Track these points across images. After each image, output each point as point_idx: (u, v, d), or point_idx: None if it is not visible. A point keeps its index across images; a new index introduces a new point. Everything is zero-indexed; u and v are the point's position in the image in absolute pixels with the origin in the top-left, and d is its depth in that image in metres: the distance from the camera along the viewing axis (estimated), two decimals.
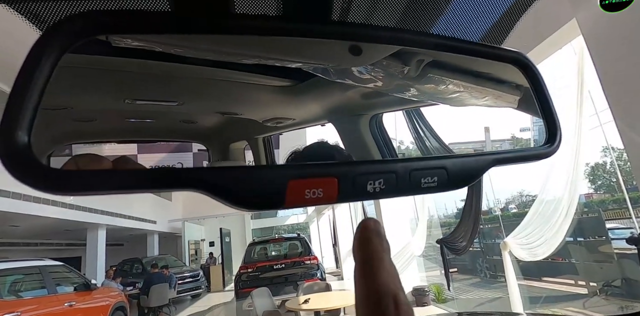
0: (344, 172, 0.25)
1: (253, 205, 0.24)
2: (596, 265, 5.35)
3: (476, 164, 0.29)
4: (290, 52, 0.33)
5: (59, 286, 5.38)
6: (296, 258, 7.83)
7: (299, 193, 0.24)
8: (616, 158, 6.95)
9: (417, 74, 0.39)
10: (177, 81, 0.86)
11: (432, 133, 3.02)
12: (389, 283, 0.21)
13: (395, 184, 0.26)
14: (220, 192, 0.23)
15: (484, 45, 0.32)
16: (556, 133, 0.33)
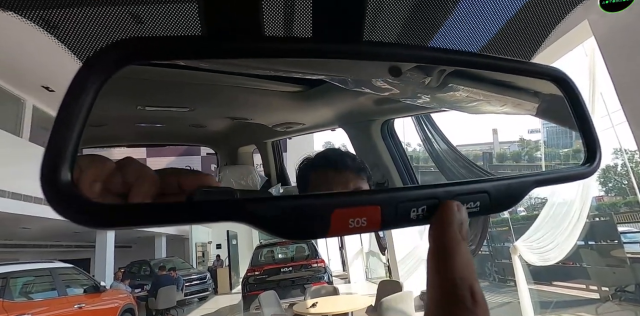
0: (387, 200, 0.25)
1: (298, 236, 0.23)
2: (608, 270, 5.25)
3: (517, 187, 0.28)
4: (320, 70, 0.33)
5: (68, 288, 5.43)
6: (303, 261, 7.81)
7: (344, 222, 0.24)
8: (628, 160, 6.84)
9: (438, 84, 0.38)
10: (189, 88, 0.87)
11: (440, 135, 3.00)
12: (465, 272, 0.20)
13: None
14: (266, 225, 0.23)
15: (520, 62, 0.32)
16: (596, 152, 0.32)
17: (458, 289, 0.20)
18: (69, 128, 0.21)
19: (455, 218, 0.23)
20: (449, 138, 3.05)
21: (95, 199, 0.22)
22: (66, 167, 0.21)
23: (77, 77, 0.22)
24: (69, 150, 0.21)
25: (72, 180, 0.21)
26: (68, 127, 0.21)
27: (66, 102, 0.22)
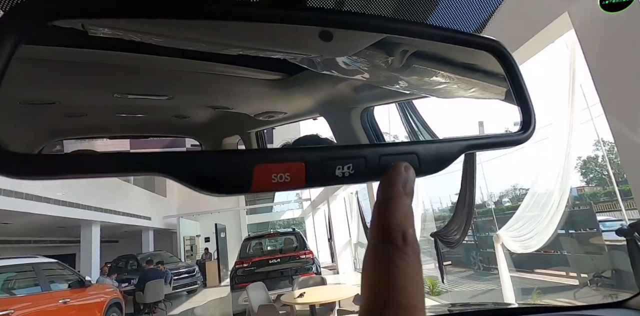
0: (312, 157, 0.25)
1: (219, 190, 0.23)
2: (587, 257, 5.44)
3: (448, 150, 0.29)
4: (264, 39, 0.33)
5: (52, 283, 5.35)
6: (291, 252, 7.86)
7: (266, 177, 0.24)
8: (607, 152, 7.04)
9: (402, 65, 0.39)
10: (165, 75, 0.85)
11: (425, 127, 3.03)
12: (402, 220, 0.22)
13: (364, 169, 0.26)
14: (185, 177, 0.23)
15: (459, 32, 0.32)
16: (530, 120, 0.33)
17: (392, 231, 0.21)
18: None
19: (401, 176, 0.25)
20: (434, 130, 3.08)
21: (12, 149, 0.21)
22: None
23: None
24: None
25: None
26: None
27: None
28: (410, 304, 0.19)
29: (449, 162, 0.28)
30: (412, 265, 0.20)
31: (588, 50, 2.26)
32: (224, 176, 0.23)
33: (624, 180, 4.77)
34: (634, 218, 3.72)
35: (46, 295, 5.00)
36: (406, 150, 0.27)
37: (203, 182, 0.23)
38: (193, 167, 0.23)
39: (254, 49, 0.36)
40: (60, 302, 5.08)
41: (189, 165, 0.23)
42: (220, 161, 0.24)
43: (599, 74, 2.20)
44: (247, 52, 0.37)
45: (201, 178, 0.23)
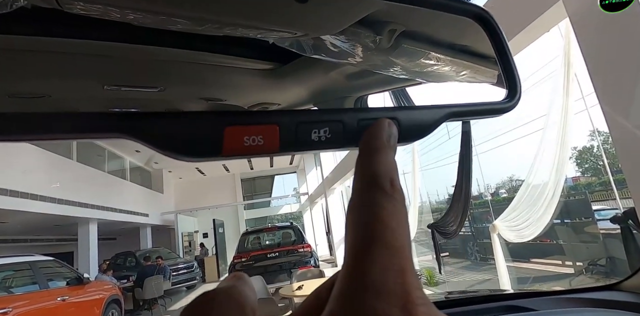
0: (286, 119, 0.24)
1: (187, 153, 0.22)
2: (582, 245, 5.51)
3: (429, 116, 0.28)
4: (241, 12, 0.32)
5: (50, 281, 5.35)
6: (289, 246, 7.89)
7: (238, 140, 0.23)
8: (602, 142, 7.09)
9: (390, 45, 0.38)
10: (155, 65, 0.84)
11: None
12: (388, 168, 0.22)
13: (341, 133, 0.25)
14: (150, 139, 0.21)
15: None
16: (516, 88, 0.32)
17: (380, 178, 0.21)
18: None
19: (384, 130, 0.24)
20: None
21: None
22: None
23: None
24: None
25: None
26: None
27: None
28: (398, 244, 0.19)
29: (431, 130, 0.28)
30: (399, 209, 0.20)
31: (582, 39, 2.25)
32: (193, 138, 0.22)
33: (619, 170, 4.81)
34: (628, 207, 3.76)
35: (44, 293, 5.00)
36: (386, 115, 0.25)
37: (170, 144, 0.22)
38: (158, 128, 0.22)
39: (230, 24, 0.34)
40: (58, 300, 5.08)
41: (155, 126, 0.22)
42: (189, 122, 0.23)
43: (594, 63, 2.20)
44: (225, 29, 0.36)
45: (169, 140, 0.22)
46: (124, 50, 0.76)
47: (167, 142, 0.22)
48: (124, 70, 0.92)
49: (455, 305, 0.92)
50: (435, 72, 0.45)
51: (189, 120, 0.23)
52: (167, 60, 0.87)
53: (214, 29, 0.33)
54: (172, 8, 0.29)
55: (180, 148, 0.22)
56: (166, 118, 0.23)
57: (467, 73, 0.44)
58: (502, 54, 0.33)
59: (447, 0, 0.31)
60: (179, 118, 0.24)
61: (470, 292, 1.24)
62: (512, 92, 0.31)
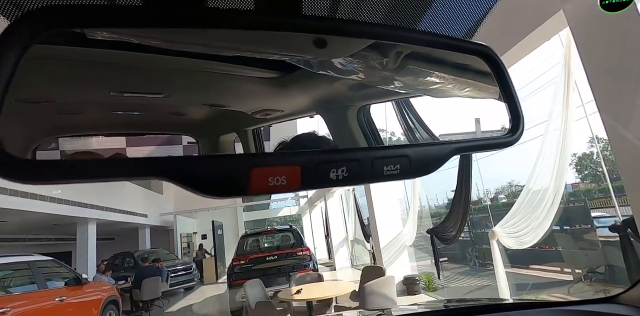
0: (307, 161, 0.26)
1: (218, 192, 0.24)
2: (581, 253, 5.49)
3: (438, 152, 0.29)
4: (262, 44, 0.33)
5: (49, 281, 5.34)
6: (288, 249, 7.87)
7: (263, 180, 0.24)
8: (601, 149, 7.09)
9: (396, 66, 0.39)
10: (162, 73, 0.85)
11: (421, 124, 3.04)
12: None
13: (358, 172, 0.26)
14: (185, 180, 0.23)
15: (449, 38, 0.33)
16: (519, 123, 0.33)
17: None
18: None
19: None
20: (430, 127, 3.09)
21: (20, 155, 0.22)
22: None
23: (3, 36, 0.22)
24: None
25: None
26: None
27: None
28: None
29: (439, 165, 0.29)
30: None
31: (583, 48, 2.27)
32: (223, 179, 0.24)
33: (618, 177, 4.81)
34: (627, 215, 3.77)
35: (42, 293, 4.99)
36: (398, 153, 0.27)
37: (203, 185, 0.24)
38: (193, 171, 0.24)
39: (250, 51, 0.36)
40: (56, 300, 5.07)
41: (190, 169, 0.24)
42: (219, 165, 0.25)
43: (594, 71, 2.22)
44: (244, 54, 0.38)
45: (201, 181, 0.24)
46: (131, 57, 0.77)
47: (200, 183, 0.24)
48: (131, 77, 0.93)
49: (454, 315, 0.93)
50: (439, 89, 0.47)
51: (218, 163, 0.25)
52: (173, 68, 0.88)
53: (232, 52, 0.35)
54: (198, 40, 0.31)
55: (211, 189, 0.24)
56: (200, 162, 0.25)
57: (469, 89, 0.46)
58: (507, 90, 0.34)
59: (454, 41, 0.32)
60: (210, 161, 0.26)
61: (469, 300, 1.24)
62: (514, 127, 0.33)
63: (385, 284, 3.74)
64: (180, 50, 0.35)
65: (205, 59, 0.79)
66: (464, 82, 0.44)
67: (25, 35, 0.23)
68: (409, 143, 0.65)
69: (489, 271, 6.32)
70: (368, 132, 0.92)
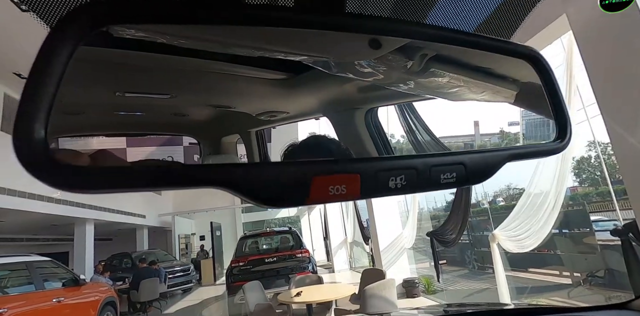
0: (366, 168, 0.25)
1: (277, 203, 0.23)
2: (581, 256, 5.48)
3: (492, 159, 0.29)
4: (301, 44, 0.33)
5: (46, 282, 5.30)
6: (288, 251, 7.85)
7: (323, 190, 0.24)
8: (601, 152, 7.10)
9: (420, 68, 0.39)
10: (168, 73, 0.85)
11: (424, 127, 3.04)
12: None
13: (416, 180, 0.26)
14: (244, 190, 0.22)
15: (498, 40, 0.32)
16: (567, 129, 0.33)
17: None
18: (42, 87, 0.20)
19: None
20: (431, 130, 3.09)
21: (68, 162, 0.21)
22: (41, 125, 0.20)
23: (49, 38, 0.21)
24: (43, 110, 0.20)
25: (45, 140, 0.20)
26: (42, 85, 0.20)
27: (37, 68, 0.21)
28: None
29: (493, 172, 0.29)
30: None
31: (585, 51, 2.27)
32: (283, 189, 0.23)
33: (617, 181, 4.82)
34: (628, 218, 3.77)
35: (40, 294, 4.95)
36: (454, 160, 0.27)
37: (261, 195, 0.23)
38: (252, 181, 0.23)
39: (282, 52, 0.35)
40: (54, 301, 5.03)
41: (249, 178, 0.23)
42: (278, 173, 0.24)
43: (596, 74, 2.22)
44: (270, 54, 0.37)
45: (260, 192, 0.23)
46: (138, 58, 0.76)
47: (258, 194, 0.23)
48: (137, 77, 0.92)
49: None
50: (457, 92, 0.46)
51: (278, 172, 0.24)
52: (181, 69, 0.87)
53: (260, 52, 0.34)
54: (236, 40, 0.30)
55: (270, 199, 0.23)
56: (258, 170, 0.24)
57: (487, 93, 0.45)
58: (554, 96, 0.34)
59: (500, 43, 0.32)
60: (267, 169, 0.25)
61: (469, 305, 1.23)
62: (562, 133, 0.32)
63: (385, 287, 3.73)
64: (207, 50, 0.34)
65: (214, 59, 0.79)
66: (483, 85, 0.44)
67: (74, 35, 0.22)
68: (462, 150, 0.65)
69: (488, 274, 6.30)
70: (376, 135, 0.92)
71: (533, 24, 2.43)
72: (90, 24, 0.23)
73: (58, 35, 0.22)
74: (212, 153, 1.67)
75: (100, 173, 0.22)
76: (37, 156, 0.20)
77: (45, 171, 0.20)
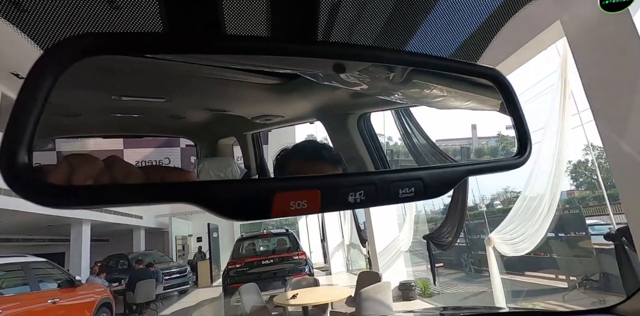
0: (327, 185, 0.27)
1: (242, 216, 0.25)
2: (576, 260, 5.51)
3: (450, 175, 0.31)
4: (281, 63, 0.34)
5: (41, 282, 5.28)
6: (284, 253, 7.85)
7: (285, 204, 0.25)
8: (596, 157, 7.15)
9: (402, 80, 0.40)
10: (166, 78, 0.86)
11: (419, 130, 3.05)
12: None
13: (374, 195, 0.28)
14: (210, 205, 0.24)
15: (461, 62, 0.34)
16: (527, 145, 0.35)
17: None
18: (26, 115, 0.22)
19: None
20: (428, 133, 3.10)
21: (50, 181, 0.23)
22: (24, 151, 0.22)
23: (36, 66, 0.23)
24: (27, 135, 0.22)
25: (30, 163, 0.22)
26: (25, 114, 0.22)
27: (24, 90, 0.23)
28: None
29: (452, 187, 0.31)
30: None
31: (579, 57, 2.30)
32: (246, 204, 0.25)
33: (613, 185, 4.85)
34: (622, 222, 3.79)
35: (35, 295, 4.93)
36: (412, 176, 0.29)
37: (228, 210, 0.25)
38: (217, 196, 0.25)
39: (280, 68, 0.37)
40: (49, 302, 5.01)
41: (215, 194, 0.25)
42: (242, 189, 0.26)
43: (590, 80, 2.25)
44: (276, 70, 0.38)
45: (226, 206, 0.25)
46: (133, 63, 0.78)
47: (225, 209, 0.25)
48: (135, 81, 0.94)
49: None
50: (441, 102, 0.47)
51: (242, 188, 0.26)
52: (177, 74, 0.88)
53: (246, 67, 0.36)
54: (215, 61, 0.32)
55: (235, 213, 0.25)
56: (224, 187, 0.26)
57: (472, 102, 0.47)
58: (515, 113, 0.36)
59: (464, 65, 0.33)
60: (233, 185, 0.26)
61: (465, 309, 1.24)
62: (522, 149, 0.34)
63: (381, 290, 3.74)
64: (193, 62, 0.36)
65: (209, 65, 0.80)
66: (467, 95, 0.45)
67: (57, 65, 0.24)
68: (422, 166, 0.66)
69: (484, 277, 6.32)
70: (368, 140, 0.93)
71: (528, 31, 2.46)
72: (77, 54, 0.24)
73: (42, 65, 0.24)
74: (209, 155, 1.68)
75: (74, 192, 0.23)
76: (22, 180, 0.21)
77: (31, 193, 0.22)
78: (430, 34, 0.65)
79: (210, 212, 0.25)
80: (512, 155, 0.35)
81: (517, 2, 0.72)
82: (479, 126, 3.00)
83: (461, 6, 0.76)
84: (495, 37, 1.19)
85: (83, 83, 0.85)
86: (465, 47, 0.78)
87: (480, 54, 0.79)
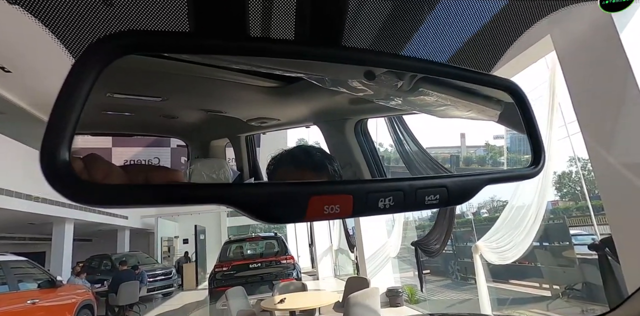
0: (359, 190, 0.28)
1: (277, 219, 0.26)
2: (560, 269, 5.60)
3: (473, 183, 0.32)
4: (300, 67, 0.35)
5: (21, 282, 5.13)
6: (272, 257, 7.79)
7: (319, 208, 0.26)
8: (581, 168, 7.32)
9: (410, 88, 0.41)
10: (163, 77, 0.85)
11: (411, 137, 3.09)
12: None
13: (402, 201, 0.29)
14: (247, 208, 0.25)
15: (480, 73, 0.35)
16: (541, 156, 0.36)
17: None
18: (68, 111, 0.22)
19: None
20: (419, 141, 3.14)
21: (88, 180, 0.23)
22: (65, 148, 0.22)
23: (76, 65, 0.24)
24: (68, 132, 0.22)
25: (69, 161, 0.22)
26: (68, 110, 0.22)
27: (64, 90, 0.23)
28: None
29: (473, 195, 0.32)
30: None
31: (568, 70, 2.36)
32: (282, 207, 0.25)
33: (596, 196, 4.95)
34: (605, 233, 3.87)
35: (14, 295, 4.78)
36: (437, 183, 0.30)
37: (263, 212, 0.25)
38: (255, 199, 0.25)
39: (295, 72, 0.37)
40: (28, 303, 4.87)
41: (252, 197, 0.25)
42: (279, 192, 0.26)
43: (578, 93, 2.31)
44: (289, 74, 0.39)
45: (262, 210, 0.25)
46: (132, 61, 0.77)
47: (261, 211, 0.25)
48: (131, 79, 0.93)
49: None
50: (444, 110, 0.48)
51: (279, 191, 0.26)
52: (175, 73, 0.88)
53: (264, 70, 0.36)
54: (237, 64, 0.32)
55: (271, 216, 0.25)
56: (261, 189, 0.26)
57: (472, 111, 0.48)
58: (530, 125, 0.37)
59: (482, 75, 0.35)
60: (269, 188, 0.27)
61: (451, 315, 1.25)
62: (537, 159, 0.36)
63: (369, 296, 3.73)
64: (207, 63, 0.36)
65: (211, 66, 0.80)
66: (469, 105, 0.46)
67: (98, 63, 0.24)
68: (445, 174, 0.67)
69: (470, 285, 6.37)
70: (365, 145, 0.94)
71: (518, 43, 2.51)
72: (113, 53, 0.25)
73: (83, 63, 0.24)
74: (200, 156, 1.67)
75: (115, 190, 0.24)
76: (62, 177, 0.22)
77: (69, 190, 0.22)
78: (426, 41, 0.66)
79: (247, 215, 0.25)
80: (527, 165, 0.36)
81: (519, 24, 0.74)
82: (468, 135, 3.02)
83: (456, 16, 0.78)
84: (484, 50, 1.22)
85: None
86: (454, 58, 0.80)
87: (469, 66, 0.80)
